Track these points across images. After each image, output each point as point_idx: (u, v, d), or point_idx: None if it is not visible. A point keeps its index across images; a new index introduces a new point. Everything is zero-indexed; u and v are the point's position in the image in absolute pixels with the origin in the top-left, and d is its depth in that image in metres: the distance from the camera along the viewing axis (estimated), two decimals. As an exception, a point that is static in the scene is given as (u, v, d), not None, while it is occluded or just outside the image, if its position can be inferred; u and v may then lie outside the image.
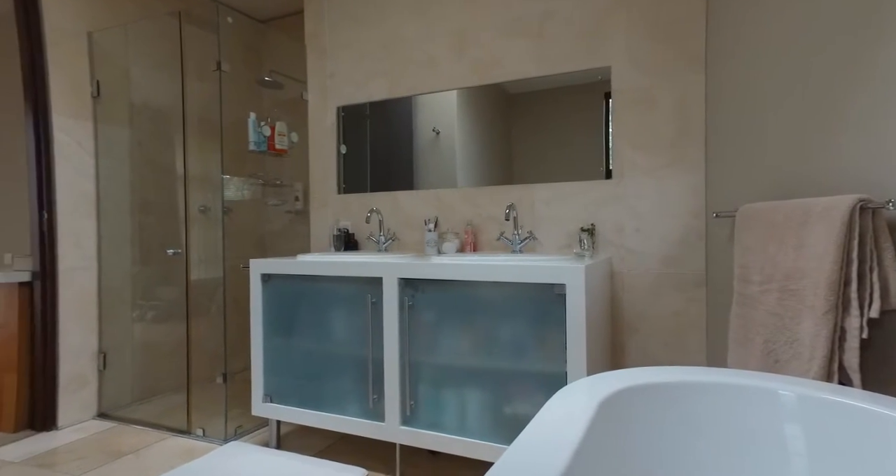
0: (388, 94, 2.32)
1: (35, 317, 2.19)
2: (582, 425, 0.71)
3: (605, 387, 0.88)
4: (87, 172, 2.33)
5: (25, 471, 1.82)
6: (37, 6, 2.15)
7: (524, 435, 0.69)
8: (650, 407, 0.86)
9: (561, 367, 1.49)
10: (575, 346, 1.45)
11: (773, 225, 1.12)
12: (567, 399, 0.83)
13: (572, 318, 1.46)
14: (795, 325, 1.01)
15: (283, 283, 1.95)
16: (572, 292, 1.45)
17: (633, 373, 0.95)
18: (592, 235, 1.86)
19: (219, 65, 2.17)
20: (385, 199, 2.34)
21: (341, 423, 1.80)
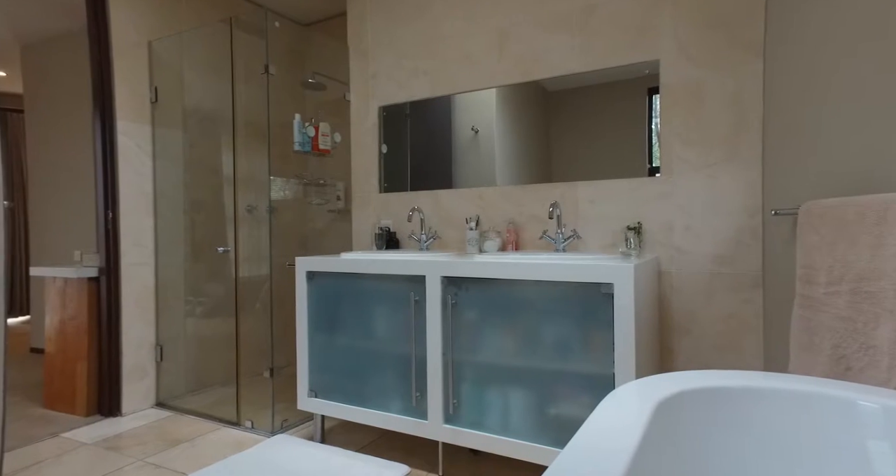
0: (430, 92, 2.33)
1: (101, 310, 2.33)
2: (638, 430, 0.69)
3: (658, 390, 0.85)
4: (145, 173, 2.46)
5: (97, 452, 1.94)
6: (106, 20, 2.28)
7: (578, 438, 0.67)
8: (709, 413, 0.83)
9: (608, 368, 1.45)
10: (623, 347, 1.42)
11: (843, 222, 1.06)
12: (620, 402, 0.80)
13: (620, 318, 1.42)
14: (871, 330, 0.94)
15: (327, 281, 1.99)
16: (621, 292, 1.41)
17: (688, 376, 0.91)
18: (639, 234, 1.81)
19: (266, 68, 2.23)
20: (426, 198, 2.35)
21: (384, 419, 1.82)
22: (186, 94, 2.60)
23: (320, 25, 3.20)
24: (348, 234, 2.84)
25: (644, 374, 1.54)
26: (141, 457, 1.90)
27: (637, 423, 0.71)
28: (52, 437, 2.10)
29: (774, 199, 1.60)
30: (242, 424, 2.21)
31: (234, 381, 2.66)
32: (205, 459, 1.88)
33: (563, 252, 1.89)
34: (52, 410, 2.41)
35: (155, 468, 1.81)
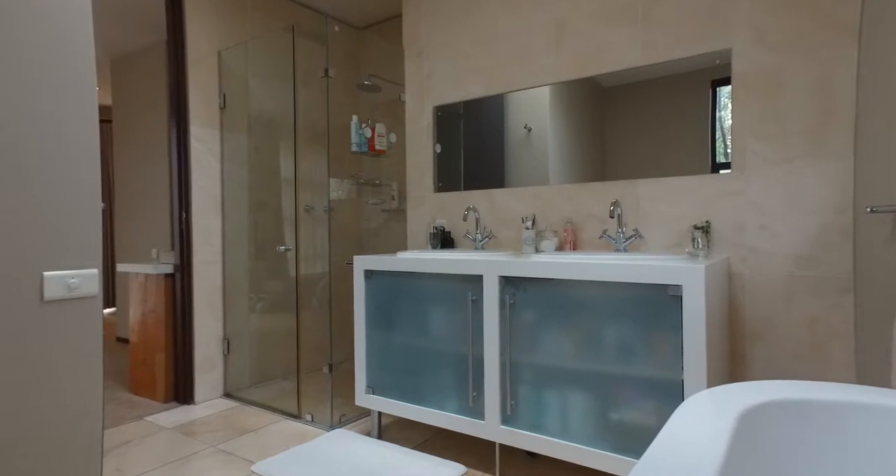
0: (484, 91, 2.32)
1: (176, 305, 2.49)
2: (721, 443, 0.64)
3: (739, 400, 0.79)
4: (214, 176, 2.60)
5: (175, 436, 2.08)
6: (183, 33, 2.44)
7: (655, 449, 0.64)
8: (799, 428, 0.76)
9: (676, 373, 1.38)
10: (693, 352, 1.34)
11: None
12: (698, 411, 0.76)
13: (690, 321, 1.34)
14: None
15: (384, 280, 2.02)
16: (690, 294, 1.34)
17: (773, 386, 0.85)
18: (707, 233, 1.71)
19: (326, 72, 2.30)
20: (481, 197, 2.34)
21: (441, 418, 1.83)
22: (251, 100, 2.73)
23: (375, 28, 3.26)
24: (402, 233, 2.88)
25: (715, 382, 1.45)
26: (213, 443, 2.02)
27: (719, 436, 0.66)
28: (136, 420, 2.27)
29: (869, 194, 1.46)
30: (303, 417, 2.29)
31: (295, 375, 2.76)
32: (269, 449, 1.96)
33: (623, 252, 1.82)
34: (135, 395, 2.61)
35: (226, 455, 1.91)
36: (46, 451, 1.05)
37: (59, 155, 1.08)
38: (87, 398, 1.12)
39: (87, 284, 1.14)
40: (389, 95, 2.97)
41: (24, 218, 1.02)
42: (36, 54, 1.05)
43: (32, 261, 1.04)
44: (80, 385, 1.11)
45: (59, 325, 1.08)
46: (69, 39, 1.09)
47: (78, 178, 1.11)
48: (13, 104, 1.01)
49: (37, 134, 1.05)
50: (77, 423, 1.10)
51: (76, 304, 1.12)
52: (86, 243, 1.13)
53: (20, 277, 1.02)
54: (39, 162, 1.05)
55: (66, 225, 1.09)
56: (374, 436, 2.07)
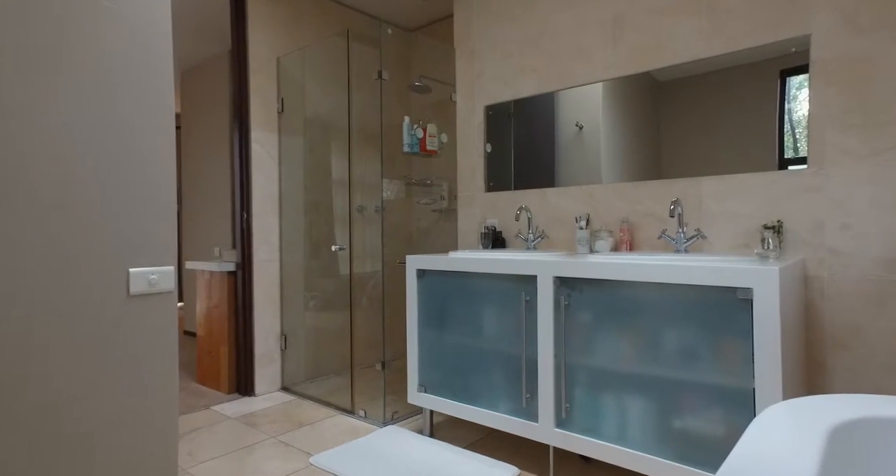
0: (537, 89, 2.28)
1: (238, 301, 2.61)
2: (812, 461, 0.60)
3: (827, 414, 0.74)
4: (272, 177, 2.71)
5: (239, 426, 2.19)
6: (245, 42, 2.56)
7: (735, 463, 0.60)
8: (899, 445, 0.70)
9: (746, 382, 1.30)
10: (766, 359, 1.26)
11: None
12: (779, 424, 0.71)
13: (763, 327, 1.26)
14: None
15: (436, 279, 2.03)
16: (763, 298, 1.26)
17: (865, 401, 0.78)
18: (779, 234, 1.60)
19: (380, 74, 2.34)
20: (533, 197, 2.30)
21: (494, 419, 1.82)
22: (306, 103, 2.82)
23: (425, 29, 3.28)
24: (452, 233, 2.88)
25: (791, 392, 1.36)
26: (273, 434, 2.10)
27: (809, 453, 0.62)
28: (204, 409, 2.40)
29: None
30: (356, 413, 2.34)
31: (347, 371, 2.84)
32: (325, 442, 2.02)
33: (684, 253, 1.74)
34: (202, 386, 2.76)
35: (285, 446, 1.99)
36: (131, 432, 1.12)
37: (142, 161, 1.15)
38: (165, 385, 1.19)
39: (165, 280, 1.22)
40: (440, 96, 2.98)
41: (112, 219, 1.10)
42: (123, 69, 1.12)
43: (120, 258, 1.12)
44: (160, 373, 1.18)
45: (142, 317, 1.16)
46: (152, 55, 1.17)
47: (157, 182, 1.18)
48: (103, 115, 1.09)
49: (123, 142, 1.12)
50: (157, 408, 1.17)
51: (156, 299, 1.20)
52: (164, 242, 1.20)
53: (110, 273, 1.10)
54: (125, 167, 1.13)
55: (147, 225, 1.17)
56: (426, 434, 2.08)
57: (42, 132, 1.00)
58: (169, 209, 1.21)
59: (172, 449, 1.20)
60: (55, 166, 1.02)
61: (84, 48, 1.06)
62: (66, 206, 1.04)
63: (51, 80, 1.02)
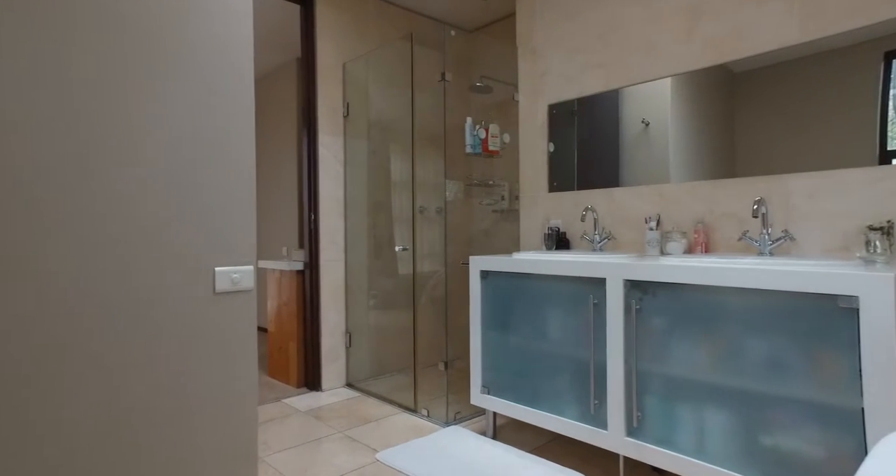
0: (604, 86, 2.21)
1: (306, 299, 2.72)
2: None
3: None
4: (338, 180, 2.80)
5: (308, 420, 2.29)
6: (314, 50, 2.67)
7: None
8: None
9: (852, 400, 1.19)
10: (877, 376, 1.15)
11: None
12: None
13: (872, 340, 1.15)
14: None
15: (500, 280, 2.02)
16: (871, 307, 1.15)
17: None
18: (889, 235, 1.45)
19: (443, 76, 2.36)
20: (600, 197, 2.24)
21: (559, 424, 1.78)
22: (370, 107, 2.89)
23: (486, 29, 3.27)
24: (512, 234, 2.85)
25: (899, 411, 1.23)
26: (340, 429, 2.17)
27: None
28: (275, 401, 2.53)
29: None
30: (419, 412, 2.37)
31: (409, 370, 2.88)
32: (389, 439, 2.06)
33: (769, 256, 1.62)
34: (273, 379, 2.91)
35: (351, 441, 2.05)
36: (216, 421, 1.20)
37: (228, 165, 1.22)
38: (246, 377, 1.26)
39: (246, 279, 1.29)
40: (501, 96, 2.96)
41: (200, 221, 1.18)
42: (215, 81, 1.20)
43: (207, 258, 1.19)
44: (242, 365, 1.25)
45: (226, 313, 1.23)
46: (237, 68, 1.24)
47: (240, 186, 1.25)
48: (199, 124, 1.17)
49: (214, 149, 1.20)
50: (240, 399, 1.24)
51: (238, 297, 1.27)
52: (245, 243, 1.27)
53: (199, 272, 1.18)
54: (214, 171, 1.20)
55: (230, 226, 1.24)
56: (489, 436, 2.08)
57: (151, 141, 1.09)
58: (250, 212, 1.28)
59: (252, 438, 1.26)
60: (160, 171, 1.11)
61: (185, 64, 1.15)
62: (163, 209, 1.12)
63: (159, 87, 1.11)
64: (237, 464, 1.23)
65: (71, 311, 0.99)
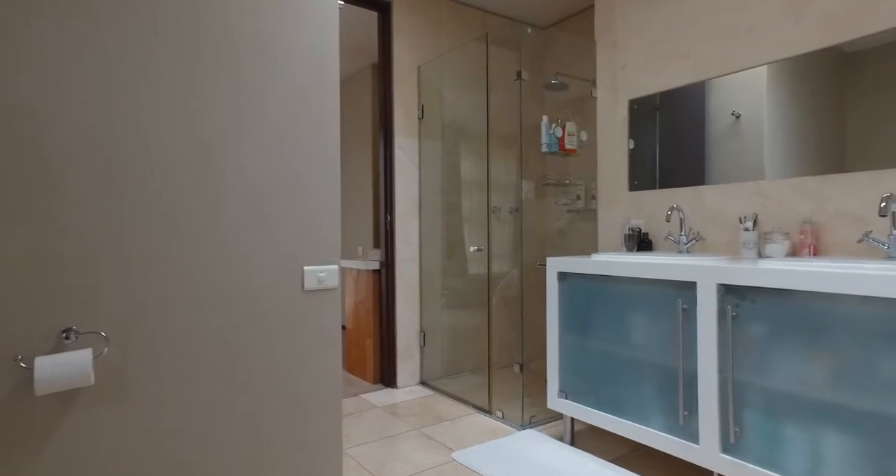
0: (692, 77, 2.08)
1: (382, 297, 2.80)
2: None
3: None
4: (412, 181, 2.86)
5: (384, 415, 2.35)
6: (390, 55, 2.74)
7: None
8: None
9: None
10: None
11: None
12: None
13: None
14: None
15: (578, 282, 1.96)
16: None
17: None
18: None
19: (519, 74, 2.33)
20: (686, 195, 2.10)
21: (644, 434, 1.69)
22: (444, 108, 2.92)
23: (560, 25, 3.19)
24: (587, 234, 2.76)
25: None
26: (415, 426, 2.21)
27: None
28: (354, 396, 2.63)
29: None
30: (493, 413, 2.36)
31: (481, 370, 2.88)
32: (464, 439, 2.07)
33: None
34: (351, 374, 3.02)
35: (427, 439, 2.08)
36: (304, 412, 1.26)
37: (317, 168, 1.28)
38: (331, 371, 1.31)
39: (331, 278, 1.34)
40: (577, 93, 2.88)
41: (291, 222, 1.24)
42: (306, 88, 1.26)
43: (297, 257, 1.26)
44: (328, 360, 1.30)
45: (313, 311, 1.29)
46: (324, 75, 1.29)
47: (327, 188, 1.30)
48: (287, 129, 1.24)
49: (304, 152, 1.26)
50: (326, 392, 1.30)
51: (324, 295, 1.32)
52: (330, 243, 1.32)
53: (290, 271, 1.24)
54: (305, 175, 1.26)
55: (317, 227, 1.29)
56: (566, 442, 2.02)
57: (248, 146, 1.17)
58: (335, 212, 1.33)
59: (338, 430, 1.31)
60: (256, 174, 1.18)
61: (279, 71, 1.22)
62: (259, 210, 1.19)
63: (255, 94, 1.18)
64: (323, 454, 1.28)
65: (183, 304, 1.08)
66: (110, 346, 1.00)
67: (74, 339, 0.97)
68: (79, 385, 0.91)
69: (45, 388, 0.86)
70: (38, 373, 0.86)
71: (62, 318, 0.95)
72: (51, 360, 0.88)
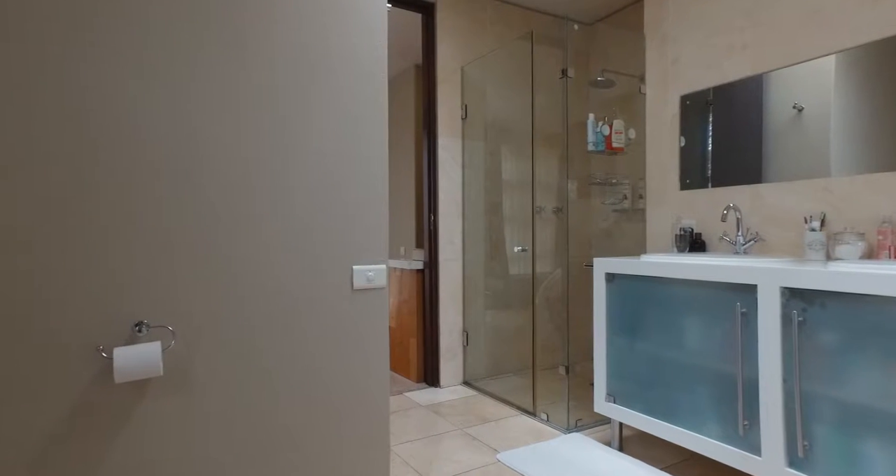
0: (751, 70, 1.98)
1: (425, 297, 2.82)
2: None
3: None
4: (456, 181, 2.86)
5: (428, 414, 2.37)
6: (434, 56, 2.76)
7: None
8: None
9: None
10: None
11: None
12: None
13: None
14: None
15: (627, 283, 1.90)
16: None
17: None
18: None
19: (565, 72, 2.29)
20: (743, 194, 2.00)
21: (700, 443, 1.62)
22: (488, 108, 2.91)
23: (606, 20, 3.12)
24: (633, 234, 2.68)
25: None
26: (459, 426, 2.21)
27: None
28: (398, 394, 2.66)
29: None
30: (538, 415, 2.33)
31: (524, 371, 2.85)
32: (509, 440, 2.05)
33: None
34: (394, 373, 3.06)
35: (471, 439, 2.07)
36: (353, 408, 1.28)
37: (366, 171, 1.30)
38: (380, 367, 1.33)
39: (379, 277, 1.35)
40: (623, 89, 2.80)
41: (341, 222, 1.27)
42: (358, 95, 1.29)
43: (346, 257, 1.28)
44: (376, 358, 1.32)
45: (362, 309, 1.31)
46: (373, 81, 1.31)
47: (375, 189, 1.32)
48: (337, 131, 1.26)
49: (349, 154, 1.28)
50: (374, 389, 1.31)
51: (372, 293, 1.34)
52: (378, 243, 1.33)
53: (340, 270, 1.27)
54: (351, 175, 1.29)
55: (366, 227, 1.31)
56: (615, 447, 1.97)
57: (302, 148, 1.20)
58: (383, 213, 1.34)
59: (385, 427, 1.33)
60: (309, 174, 1.21)
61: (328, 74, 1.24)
62: (311, 209, 1.22)
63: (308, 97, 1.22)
64: (371, 450, 1.30)
65: (240, 302, 1.13)
66: (176, 339, 1.05)
67: (146, 331, 1.02)
68: (150, 375, 0.96)
69: (123, 376, 0.92)
70: (116, 362, 0.91)
71: (135, 312, 1.01)
72: (127, 350, 0.94)
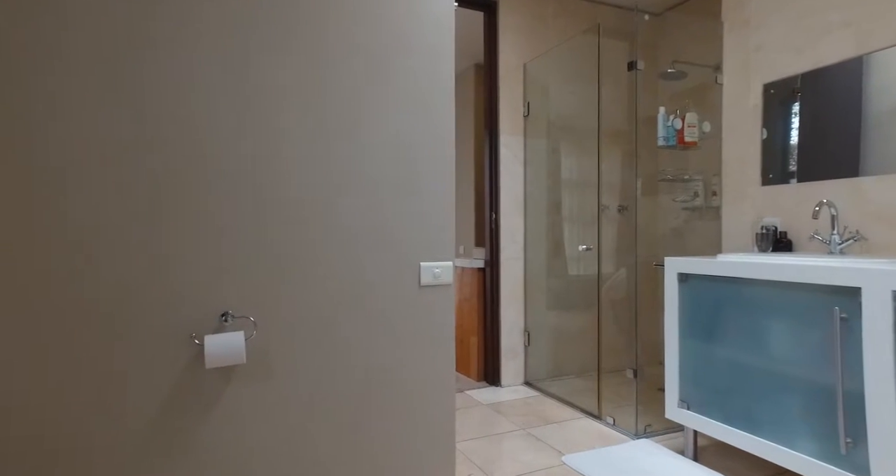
0: (854, 50, 1.81)
1: (486, 295, 2.80)
2: None
3: None
4: (518, 179, 2.82)
5: (490, 413, 2.35)
6: (496, 54, 2.74)
7: None
8: None
9: None
10: None
11: None
12: None
13: None
14: None
15: (702, 284, 1.79)
16: None
17: None
18: None
19: (633, 65, 2.20)
20: (838, 189, 1.83)
21: (791, 459, 1.50)
22: (551, 105, 2.85)
23: (677, 9, 2.96)
24: (706, 233, 2.53)
25: None
26: (522, 426, 2.18)
27: None
28: (459, 392, 2.66)
29: None
30: (604, 419, 2.25)
31: (587, 373, 2.77)
32: (574, 443, 1.99)
33: None
34: (456, 371, 3.07)
35: (535, 440, 2.03)
36: (421, 404, 1.29)
37: (434, 169, 1.31)
38: (446, 363, 1.33)
39: (446, 274, 1.35)
40: (695, 81, 2.65)
41: (410, 221, 1.28)
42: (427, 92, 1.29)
43: (414, 254, 1.29)
44: (442, 354, 1.32)
45: (429, 305, 1.31)
46: (441, 77, 1.32)
47: (441, 190, 1.32)
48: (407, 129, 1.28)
49: (419, 152, 1.29)
50: (440, 385, 1.32)
51: (439, 290, 1.34)
52: (445, 241, 1.33)
53: (408, 267, 1.28)
54: (420, 173, 1.29)
55: (433, 224, 1.32)
56: (689, 456, 1.86)
57: (373, 146, 1.22)
58: (450, 210, 1.34)
59: (451, 423, 1.33)
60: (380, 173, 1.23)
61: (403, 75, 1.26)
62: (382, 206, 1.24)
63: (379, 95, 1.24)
64: (438, 447, 1.31)
65: (315, 295, 1.16)
66: (257, 329, 1.10)
67: (231, 321, 1.08)
68: (235, 362, 1.02)
69: (213, 362, 0.97)
70: (207, 349, 0.97)
71: (221, 302, 1.07)
72: (216, 338, 0.99)
